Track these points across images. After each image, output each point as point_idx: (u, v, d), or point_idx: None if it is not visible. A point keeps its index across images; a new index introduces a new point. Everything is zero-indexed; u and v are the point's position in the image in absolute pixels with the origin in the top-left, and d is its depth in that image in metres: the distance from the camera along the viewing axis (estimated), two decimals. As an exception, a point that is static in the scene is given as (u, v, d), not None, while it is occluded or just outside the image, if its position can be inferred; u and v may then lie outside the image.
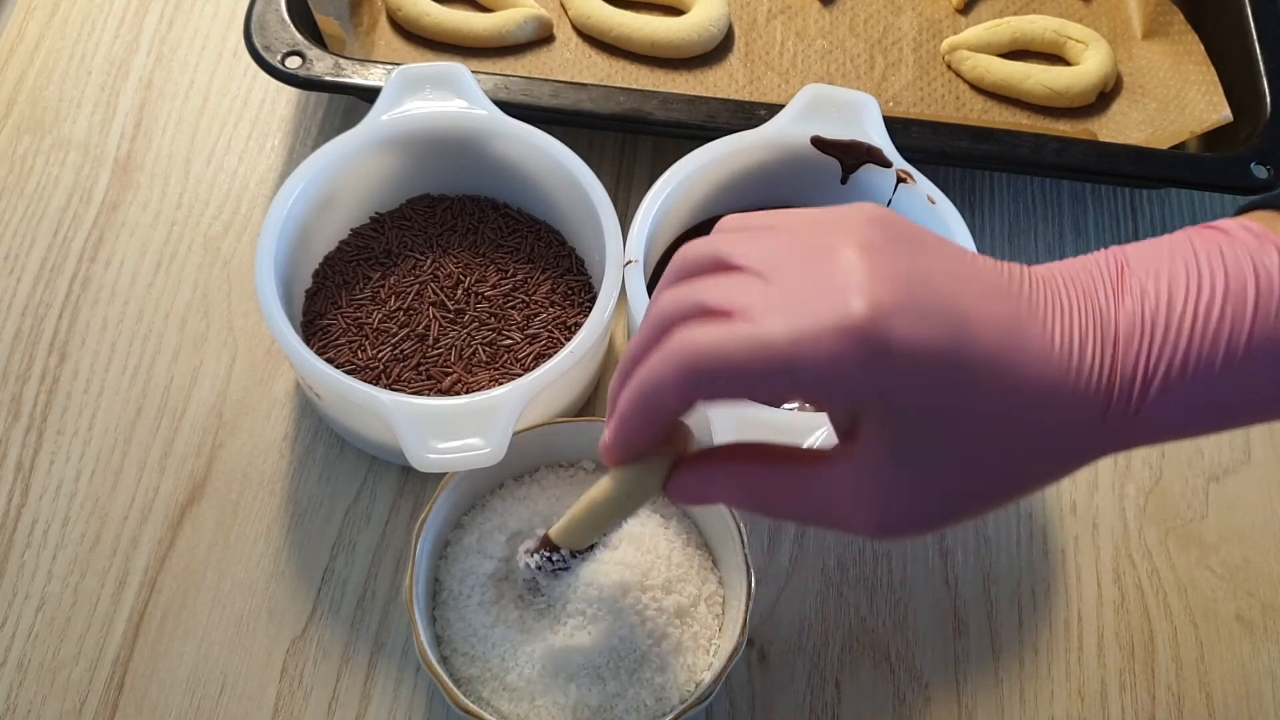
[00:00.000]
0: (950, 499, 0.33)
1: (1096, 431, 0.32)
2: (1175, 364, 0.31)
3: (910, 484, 0.32)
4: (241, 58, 0.66)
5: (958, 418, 0.31)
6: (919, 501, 0.33)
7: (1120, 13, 0.70)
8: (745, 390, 0.32)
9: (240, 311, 0.59)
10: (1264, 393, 0.32)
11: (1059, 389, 0.31)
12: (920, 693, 0.51)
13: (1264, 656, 0.53)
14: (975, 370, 0.31)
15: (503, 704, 0.46)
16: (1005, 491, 0.33)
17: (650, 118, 0.59)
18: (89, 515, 0.53)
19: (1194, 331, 0.31)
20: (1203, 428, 0.33)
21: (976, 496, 0.33)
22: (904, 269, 0.31)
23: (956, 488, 0.32)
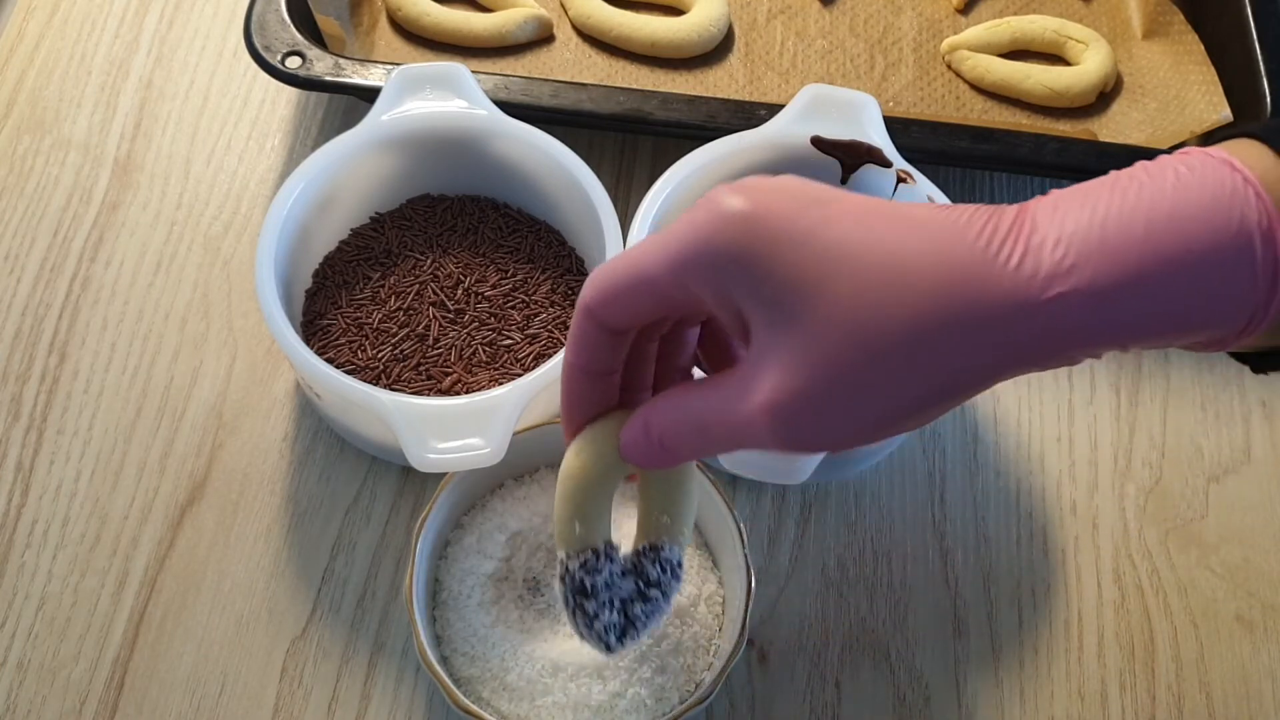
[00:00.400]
0: (847, 385, 0.31)
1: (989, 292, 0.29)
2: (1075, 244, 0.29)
3: (802, 366, 0.31)
4: (241, 58, 0.66)
5: (830, 272, 0.30)
6: (814, 390, 0.31)
7: (1120, 13, 0.70)
8: (638, 304, 0.34)
9: (240, 311, 0.59)
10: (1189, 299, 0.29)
11: (944, 246, 0.30)
12: (920, 693, 0.51)
13: (1264, 656, 0.53)
14: (836, 226, 0.31)
15: (502, 704, 0.46)
16: (908, 378, 0.30)
17: (650, 118, 0.59)
18: (89, 515, 0.53)
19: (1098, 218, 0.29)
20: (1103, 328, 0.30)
21: (877, 384, 0.31)
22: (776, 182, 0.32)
23: (851, 371, 0.31)
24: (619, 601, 0.40)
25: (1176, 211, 0.29)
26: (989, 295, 0.30)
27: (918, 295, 0.30)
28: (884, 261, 0.30)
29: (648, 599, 0.40)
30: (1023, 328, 0.30)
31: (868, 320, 0.30)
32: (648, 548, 0.40)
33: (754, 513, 0.55)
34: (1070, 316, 0.29)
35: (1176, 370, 0.60)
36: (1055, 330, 0.29)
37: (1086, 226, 0.29)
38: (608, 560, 0.39)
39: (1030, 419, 0.58)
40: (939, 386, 0.31)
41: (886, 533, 0.55)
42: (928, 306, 0.30)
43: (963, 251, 0.30)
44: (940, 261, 0.30)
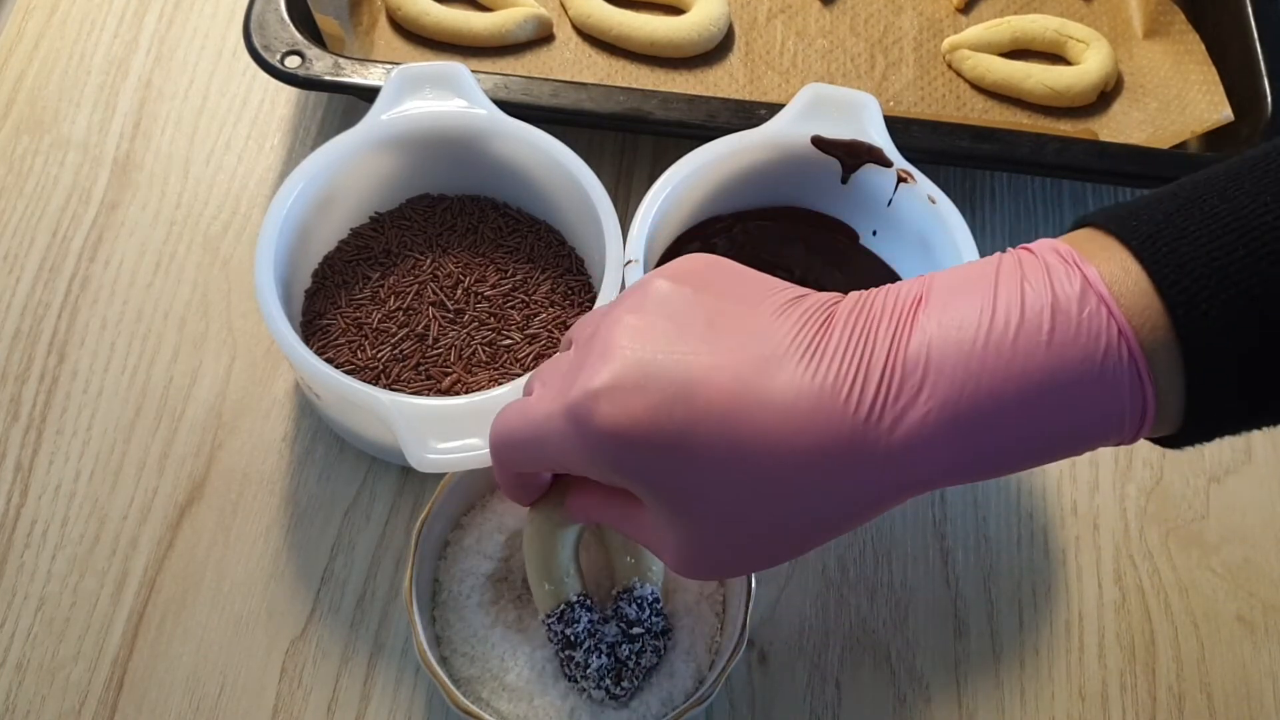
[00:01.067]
0: (733, 551, 0.33)
1: (859, 470, 0.31)
2: (946, 397, 0.30)
3: (688, 540, 0.33)
4: (241, 57, 0.66)
5: (696, 480, 0.32)
6: (703, 553, 0.34)
7: (1121, 12, 0.70)
8: (534, 462, 0.37)
9: (240, 311, 0.58)
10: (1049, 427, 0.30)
11: (808, 428, 0.31)
12: (921, 693, 0.51)
13: (1265, 657, 0.53)
14: (700, 431, 0.31)
15: (502, 704, 0.46)
16: (788, 540, 0.33)
17: (650, 117, 0.59)
18: (88, 515, 0.53)
19: (969, 366, 0.30)
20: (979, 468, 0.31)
21: (758, 548, 0.33)
22: (644, 341, 0.33)
23: (733, 541, 0.33)
24: (606, 646, 0.42)
25: (1049, 365, 0.29)
26: (859, 464, 0.31)
27: (785, 484, 0.31)
28: (748, 462, 0.31)
29: (633, 639, 0.42)
30: (890, 482, 0.31)
31: (738, 518, 0.32)
32: (621, 591, 0.42)
33: (754, 513, 0.55)
34: (939, 465, 0.31)
35: (1177, 370, 0.60)
36: (924, 477, 0.31)
37: (960, 379, 0.30)
38: (584, 610, 0.42)
39: (1031, 419, 0.58)
40: (816, 538, 0.33)
41: (887, 533, 0.55)
42: (796, 490, 0.31)
43: (832, 427, 0.31)
44: (807, 448, 0.31)
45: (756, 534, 0.33)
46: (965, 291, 0.31)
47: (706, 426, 0.31)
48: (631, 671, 0.43)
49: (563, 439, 0.34)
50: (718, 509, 0.32)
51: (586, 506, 0.40)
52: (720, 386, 0.31)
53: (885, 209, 0.55)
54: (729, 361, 0.32)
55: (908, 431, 0.30)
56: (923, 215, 0.53)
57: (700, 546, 0.34)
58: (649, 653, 0.43)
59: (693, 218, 0.57)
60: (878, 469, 0.31)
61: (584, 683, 0.43)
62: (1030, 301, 0.30)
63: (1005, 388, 0.29)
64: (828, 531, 0.33)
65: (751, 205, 0.57)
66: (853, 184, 0.55)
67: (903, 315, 0.31)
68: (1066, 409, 0.30)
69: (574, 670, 0.43)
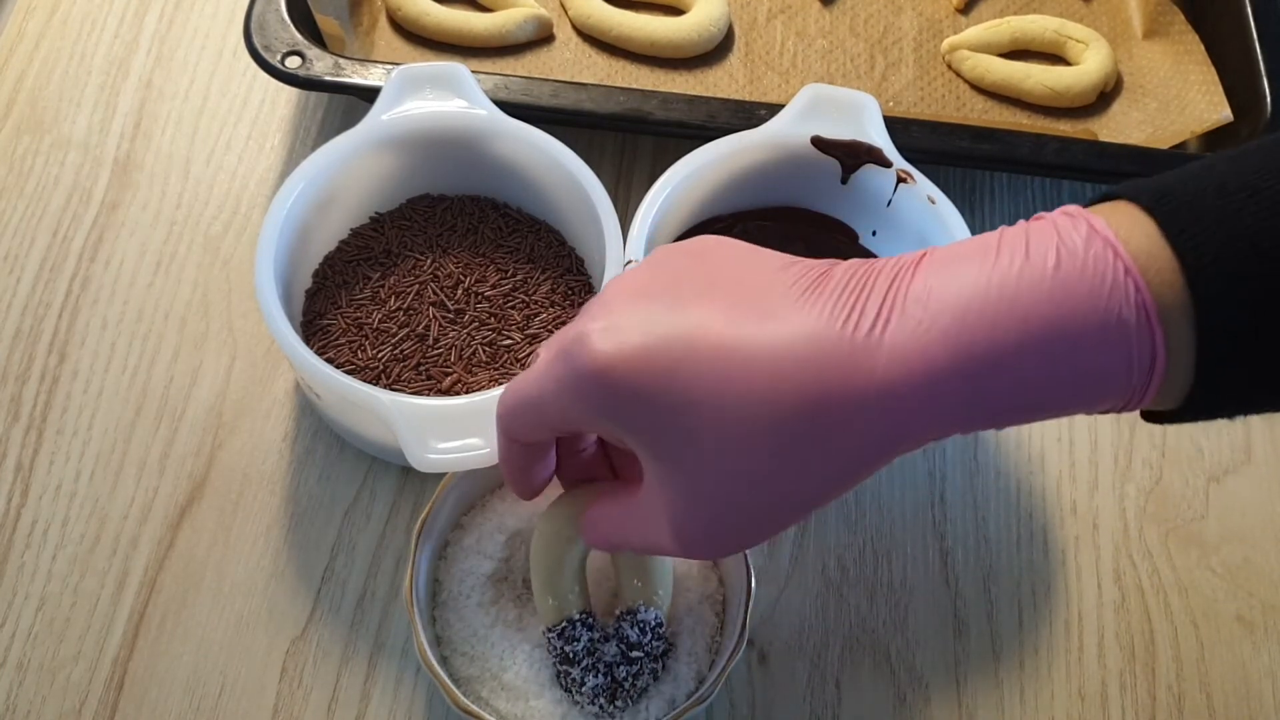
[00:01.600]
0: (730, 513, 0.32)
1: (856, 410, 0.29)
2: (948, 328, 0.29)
3: (685, 505, 0.33)
4: (241, 57, 0.66)
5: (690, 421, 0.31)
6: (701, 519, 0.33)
7: (1121, 12, 0.70)
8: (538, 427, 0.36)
9: (240, 311, 0.58)
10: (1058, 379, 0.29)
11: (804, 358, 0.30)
12: (920, 693, 0.51)
13: (1264, 656, 0.53)
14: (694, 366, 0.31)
15: (501, 704, 0.46)
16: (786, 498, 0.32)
17: (650, 118, 0.59)
18: (89, 515, 0.53)
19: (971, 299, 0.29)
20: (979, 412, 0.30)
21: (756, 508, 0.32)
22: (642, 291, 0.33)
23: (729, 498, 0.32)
24: (604, 665, 0.42)
25: (1054, 298, 0.29)
26: (854, 397, 0.29)
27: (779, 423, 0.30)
28: (744, 395, 0.30)
29: (631, 661, 0.42)
30: (890, 421, 0.30)
31: (735, 463, 0.31)
32: (625, 612, 0.42)
33: (754, 513, 0.55)
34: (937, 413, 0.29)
35: (1177, 370, 0.60)
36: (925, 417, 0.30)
37: (962, 311, 0.29)
38: (585, 628, 0.42)
39: (1030, 419, 0.58)
40: (818, 492, 0.32)
41: (887, 533, 0.55)
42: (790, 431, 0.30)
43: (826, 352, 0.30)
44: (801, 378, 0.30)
45: (753, 489, 0.31)
46: (969, 247, 0.31)
47: (700, 362, 0.31)
48: (626, 692, 0.43)
49: (558, 384, 0.33)
50: (713, 459, 0.31)
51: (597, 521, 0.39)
52: (715, 326, 0.31)
53: (885, 209, 0.55)
54: (725, 304, 0.31)
55: (907, 362, 0.29)
56: (922, 215, 0.53)
57: (697, 510, 0.32)
58: (646, 674, 0.43)
59: (693, 218, 0.57)
60: (875, 407, 0.29)
61: (578, 697, 0.43)
62: (1035, 245, 0.29)
63: (1009, 321, 0.29)
64: (825, 486, 0.31)
65: (751, 205, 0.57)
66: (852, 184, 0.55)
67: (904, 268, 0.31)
68: (1071, 347, 0.29)
69: (569, 684, 0.43)
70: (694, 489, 0.32)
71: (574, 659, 0.42)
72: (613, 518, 0.38)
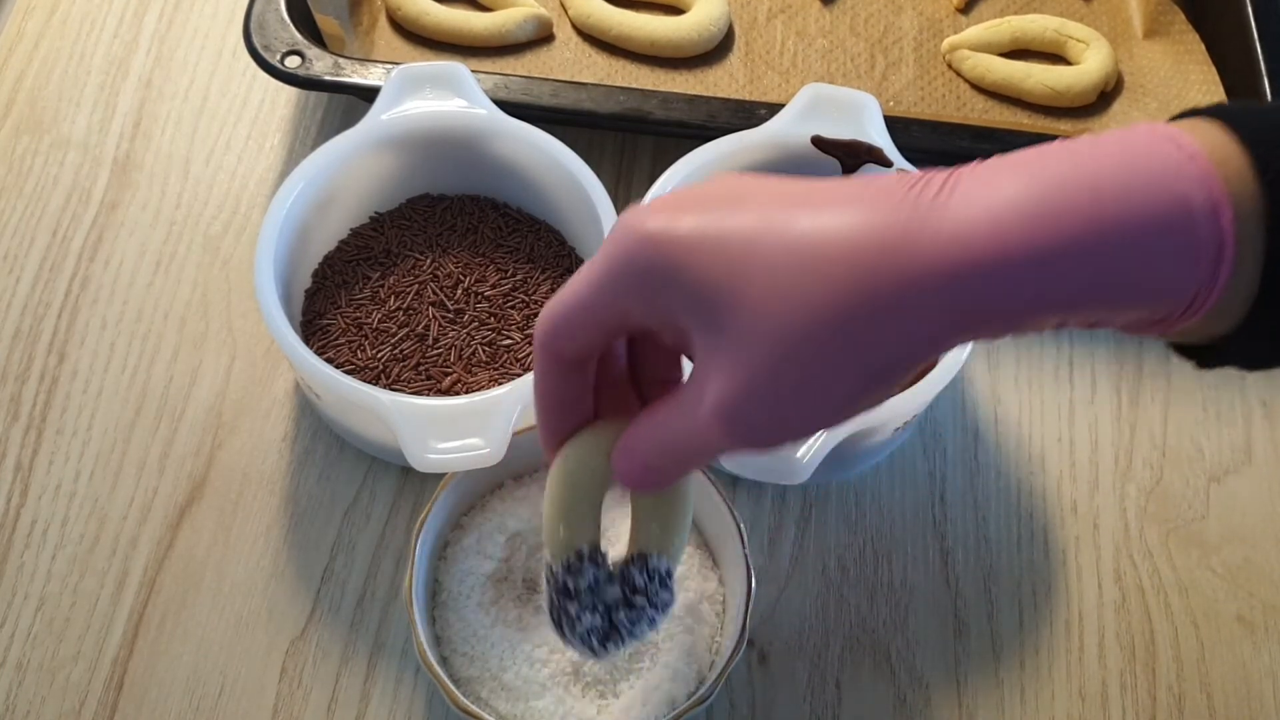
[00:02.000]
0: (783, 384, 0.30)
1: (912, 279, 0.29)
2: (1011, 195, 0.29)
3: (742, 372, 0.31)
4: (241, 57, 0.66)
5: (744, 283, 0.30)
6: (749, 393, 0.31)
7: (1121, 12, 0.70)
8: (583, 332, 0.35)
9: (240, 311, 0.58)
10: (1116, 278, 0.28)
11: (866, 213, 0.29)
12: (921, 693, 0.51)
13: (1265, 657, 0.53)
14: (752, 227, 0.30)
15: (501, 704, 0.46)
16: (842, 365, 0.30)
17: (650, 117, 0.59)
18: (88, 515, 0.53)
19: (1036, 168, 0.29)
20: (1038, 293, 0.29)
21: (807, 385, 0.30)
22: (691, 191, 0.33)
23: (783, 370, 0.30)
24: (603, 606, 0.40)
25: (1118, 180, 0.28)
26: (914, 265, 0.29)
27: (834, 283, 0.29)
28: (796, 254, 0.30)
29: (633, 606, 0.40)
30: (953, 296, 0.29)
31: (788, 321, 0.30)
32: (636, 556, 0.40)
33: (754, 513, 0.55)
34: (1003, 282, 0.28)
35: (1178, 370, 0.60)
36: (988, 296, 0.28)
37: (1026, 189, 0.29)
38: (592, 564, 0.39)
39: (1030, 419, 0.58)
40: (877, 367, 0.30)
41: (887, 533, 0.55)
42: (846, 292, 0.29)
43: (886, 219, 0.29)
44: (859, 237, 0.29)
45: (808, 362, 0.30)
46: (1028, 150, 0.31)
47: (751, 222, 0.30)
48: (621, 638, 0.40)
49: (608, 264, 0.33)
50: (769, 327, 0.30)
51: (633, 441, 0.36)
52: (772, 189, 0.31)
53: (885, 209, 0.55)
54: (783, 192, 0.31)
55: (975, 223, 0.28)
56: (923, 215, 0.53)
57: (747, 382, 0.31)
58: (645, 623, 0.40)
59: (693, 218, 0.56)
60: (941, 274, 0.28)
61: (569, 634, 0.40)
62: (1101, 138, 0.30)
63: (1079, 194, 0.28)
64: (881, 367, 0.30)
65: (751, 205, 0.57)
66: (853, 184, 0.55)
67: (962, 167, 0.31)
68: (1141, 226, 0.28)
69: (562, 620, 0.40)
70: (747, 359, 0.31)
71: (574, 594, 0.39)
72: (650, 427, 0.35)
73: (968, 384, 0.59)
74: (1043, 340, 0.60)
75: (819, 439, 0.46)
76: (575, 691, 0.47)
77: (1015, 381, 0.59)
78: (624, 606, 0.40)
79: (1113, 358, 0.60)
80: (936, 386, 0.49)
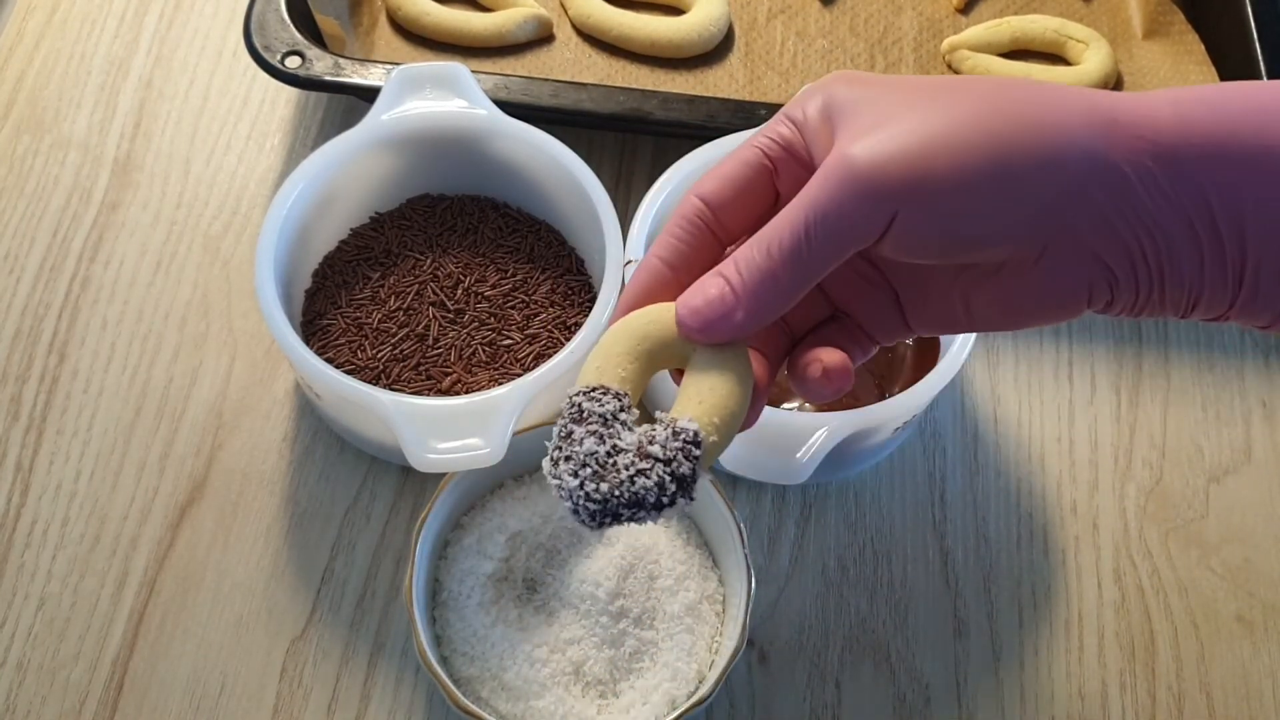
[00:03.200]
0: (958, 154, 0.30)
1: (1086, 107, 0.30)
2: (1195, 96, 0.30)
3: (889, 124, 0.31)
4: (241, 57, 0.66)
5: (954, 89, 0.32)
6: (904, 139, 0.31)
7: (1121, 12, 0.70)
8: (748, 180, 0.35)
9: (240, 311, 0.58)
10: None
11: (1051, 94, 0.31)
12: (920, 693, 0.51)
13: (1264, 657, 0.53)
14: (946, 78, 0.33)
15: (501, 704, 0.46)
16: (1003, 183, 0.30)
17: (650, 117, 0.59)
18: (88, 515, 0.53)
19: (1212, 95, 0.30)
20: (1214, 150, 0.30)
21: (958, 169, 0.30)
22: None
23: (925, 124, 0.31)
24: (610, 444, 0.34)
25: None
26: (1086, 102, 0.30)
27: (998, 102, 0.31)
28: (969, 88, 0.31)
29: (645, 457, 0.33)
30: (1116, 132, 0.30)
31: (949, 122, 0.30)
32: (666, 417, 0.34)
33: (754, 513, 0.55)
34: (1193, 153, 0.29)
35: (1177, 370, 0.60)
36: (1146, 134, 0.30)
37: (1213, 91, 0.30)
38: (616, 401, 0.34)
39: (1030, 419, 0.58)
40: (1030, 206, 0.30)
41: (887, 533, 0.55)
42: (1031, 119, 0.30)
43: (1066, 88, 0.31)
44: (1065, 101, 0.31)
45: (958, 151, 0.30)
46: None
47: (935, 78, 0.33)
48: (614, 486, 0.33)
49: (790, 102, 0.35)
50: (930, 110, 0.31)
51: (732, 261, 0.33)
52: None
53: (885, 209, 0.55)
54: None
55: (1151, 97, 0.31)
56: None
57: (891, 129, 0.31)
58: (651, 484, 0.33)
59: (693, 218, 0.56)
60: (1109, 109, 0.30)
61: (562, 466, 0.34)
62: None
63: (1259, 114, 0.29)
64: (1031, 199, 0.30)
65: (751, 205, 0.57)
66: (853, 184, 0.55)
67: None
68: None
69: (562, 445, 0.34)
70: (897, 120, 0.31)
71: (583, 417, 0.34)
72: (745, 246, 0.33)
73: (968, 384, 0.59)
74: (1043, 340, 0.60)
75: (819, 439, 0.46)
76: (575, 691, 0.47)
77: (1015, 381, 0.59)
78: (634, 455, 0.33)
79: (1113, 358, 0.60)
80: (936, 386, 0.49)
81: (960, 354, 0.49)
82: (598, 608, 0.47)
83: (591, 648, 0.47)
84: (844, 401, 0.53)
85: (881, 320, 0.36)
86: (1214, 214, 0.30)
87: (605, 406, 0.34)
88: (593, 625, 0.47)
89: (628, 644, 0.47)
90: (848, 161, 0.31)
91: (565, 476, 0.34)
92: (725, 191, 0.35)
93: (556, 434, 0.34)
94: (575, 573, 0.48)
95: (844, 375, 0.34)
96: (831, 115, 0.33)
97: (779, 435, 0.47)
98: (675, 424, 0.33)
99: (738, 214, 0.35)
